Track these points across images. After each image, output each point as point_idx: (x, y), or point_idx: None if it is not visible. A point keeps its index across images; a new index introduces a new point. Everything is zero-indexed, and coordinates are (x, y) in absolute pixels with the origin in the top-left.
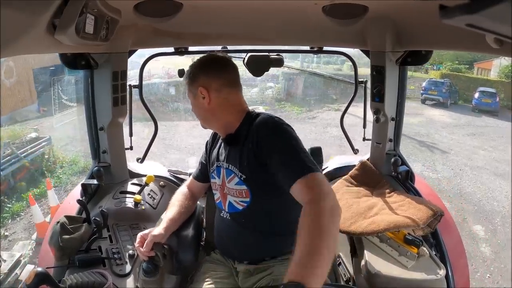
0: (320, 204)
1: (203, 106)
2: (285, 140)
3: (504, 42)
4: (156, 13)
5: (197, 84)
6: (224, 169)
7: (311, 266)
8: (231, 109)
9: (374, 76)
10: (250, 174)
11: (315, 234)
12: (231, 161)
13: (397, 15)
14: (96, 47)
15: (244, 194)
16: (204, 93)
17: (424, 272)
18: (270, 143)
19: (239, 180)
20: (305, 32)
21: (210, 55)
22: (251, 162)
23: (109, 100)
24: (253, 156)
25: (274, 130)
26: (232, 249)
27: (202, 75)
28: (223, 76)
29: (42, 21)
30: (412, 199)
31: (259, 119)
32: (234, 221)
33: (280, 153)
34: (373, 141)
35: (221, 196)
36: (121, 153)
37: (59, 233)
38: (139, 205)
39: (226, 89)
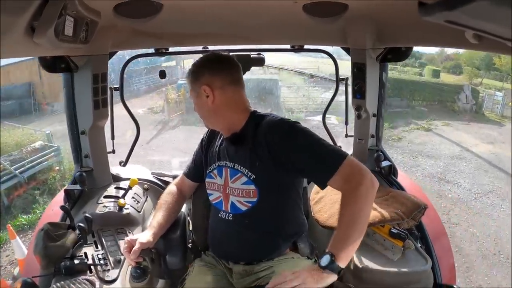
0: (363, 185)
1: (206, 105)
2: (307, 138)
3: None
4: (136, 14)
5: (201, 83)
6: (229, 169)
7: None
8: (235, 107)
9: (355, 73)
10: (261, 174)
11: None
12: (238, 161)
13: (377, 13)
14: (76, 49)
15: (251, 194)
16: (208, 91)
17: (410, 265)
18: (292, 145)
19: (247, 179)
20: (286, 31)
21: (213, 54)
22: (264, 162)
23: (90, 103)
24: (267, 157)
25: (291, 131)
26: (230, 250)
27: (206, 74)
28: (227, 74)
29: (20, 23)
30: (395, 193)
31: (269, 119)
32: (236, 221)
33: (308, 152)
34: (355, 137)
35: (222, 196)
36: (104, 157)
37: (43, 241)
38: (124, 209)
39: (230, 87)
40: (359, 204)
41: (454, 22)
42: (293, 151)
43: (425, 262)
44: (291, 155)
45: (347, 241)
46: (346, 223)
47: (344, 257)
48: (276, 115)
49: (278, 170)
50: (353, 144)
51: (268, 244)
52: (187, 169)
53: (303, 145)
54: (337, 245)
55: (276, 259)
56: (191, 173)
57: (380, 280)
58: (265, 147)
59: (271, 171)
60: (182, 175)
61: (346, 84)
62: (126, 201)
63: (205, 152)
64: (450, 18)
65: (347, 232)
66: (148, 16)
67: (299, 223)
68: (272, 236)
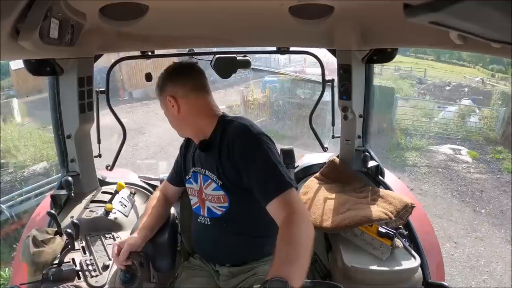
0: (298, 217)
1: (174, 115)
2: (262, 154)
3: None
4: (121, 16)
5: (165, 94)
6: (201, 175)
7: (291, 266)
8: (201, 114)
9: (341, 75)
10: (227, 180)
11: (297, 242)
12: (208, 167)
13: (363, 14)
14: (61, 52)
15: (222, 199)
16: (172, 101)
17: (399, 263)
18: (247, 156)
19: (216, 186)
20: (272, 33)
21: (174, 64)
22: (227, 169)
23: (75, 107)
24: (229, 163)
25: (251, 142)
26: (213, 253)
27: (168, 84)
28: (188, 82)
29: (5, 26)
30: (383, 193)
31: (234, 125)
32: (215, 225)
33: (257, 168)
34: (342, 138)
35: (199, 201)
36: (90, 161)
37: (30, 248)
38: (111, 213)
39: (193, 95)
40: (294, 226)
41: (438, 23)
42: (246, 162)
43: (414, 260)
44: (244, 165)
45: (295, 264)
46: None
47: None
48: (244, 119)
49: (239, 176)
50: (340, 145)
51: (250, 246)
52: (170, 175)
53: (255, 160)
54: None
55: (261, 260)
56: (173, 178)
57: (369, 279)
58: (227, 153)
59: (234, 177)
60: (166, 181)
61: (332, 86)
62: (113, 206)
63: (183, 158)
64: (434, 19)
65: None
66: (133, 19)
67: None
68: (252, 237)
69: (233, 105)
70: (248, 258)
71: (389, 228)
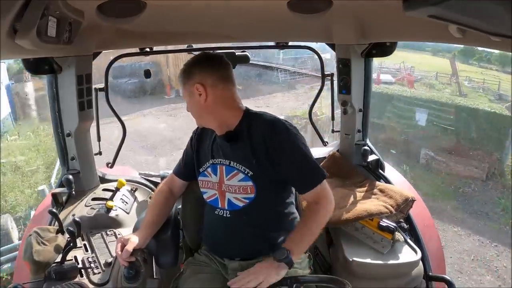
0: (326, 208)
1: (199, 104)
2: (298, 146)
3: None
4: (119, 13)
5: (193, 81)
6: (224, 166)
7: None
8: (228, 105)
9: (340, 69)
10: (258, 170)
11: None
12: (234, 158)
13: (361, 8)
14: (59, 50)
15: (249, 190)
16: (200, 89)
17: (399, 257)
18: (284, 148)
19: (244, 176)
20: (270, 28)
21: (204, 53)
22: (260, 159)
23: (74, 104)
24: (263, 154)
25: (287, 135)
26: (226, 247)
27: (197, 72)
28: (218, 71)
29: (2, 25)
30: (383, 187)
31: (265, 118)
32: (234, 218)
33: (296, 160)
34: (342, 132)
35: (218, 193)
36: (90, 159)
37: (32, 246)
38: (112, 210)
39: (221, 85)
40: (318, 219)
41: (437, 17)
42: (283, 153)
43: (415, 254)
44: (281, 156)
45: (302, 242)
46: (304, 229)
47: (297, 253)
48: (272, 114)
49: (273, 167)
50: (340, 139)
51: (264, 240)
52: (178, 168)
53: (293, 152)
54: (293, 243)
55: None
56: (182, 172)
57: (370, 273)
58: (262, 145)
59: (267, 168)
60: (172, 175)
61: (332, 80)
62: (115, 203)
63: (195, 151)
64: (433, 13)
65: (303, 236)
66: (131, 16)
67: (293, 218)
68: (268, 231)
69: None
70: (259, 252)
71: (389, 222)
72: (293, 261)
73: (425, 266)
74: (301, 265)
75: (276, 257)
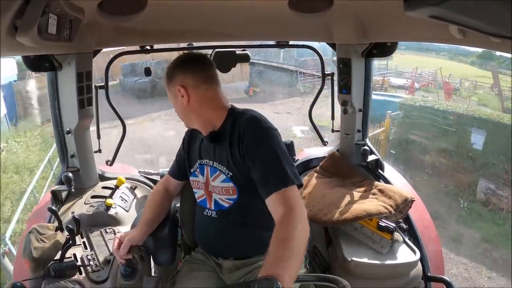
0: (295, 216)
1: (182, 105)
2: (269, 147)
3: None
4: (120, 11)
5: (175, 84)
6: (209, 167)
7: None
8: (211, 105)
9: (340, 69)
10: (237, 171)
11: (291, 239)
12: (216, 159)
13: (362, 8)
14: (60, 48)
15: (231, 191)
16: (182, 91)
17: (398, 257)
18: (255, 148)
19: (225, 177)
20: (271, 27)
21: (185, 54)
22: (237, 160)
23: (75, 102)
24: (238, 154)
25: (261, 134)
26: (218, 246)
27: (179, 74)
28: (200, 73)
29: (3, 22)
30: (382, 187)
31: (246, 117)
32: (221, 218)
33: (262, 161)
34: (342, 132)
35: (205, 194)
36: (90, 157)
37: (32, 244)
38: (111, 208)
39: (203, 86)
40: (294, 226)
41: (438, 17)
42: (254, 153)
43: (413, 254)
44: (252, 157)
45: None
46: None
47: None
48: (255, 111)
49: (247, 167)
50: (340, 139)
51: (255, 239)
52: (172, 168)
53: (263, 152)
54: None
55: (266, 253)
56: (176, 172)
57: (369, 273)
58: (237, 144)
59: (244, 168)
60: (168, 175)
61: (332, 80)
62: (114, 201)
63: (187, 151)
64: (434, 13)
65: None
66: (132, 13)
67: None
68: (258, 230)
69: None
70: (252, 252)
71: (389, 222)
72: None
73: (424, 267)
74: None
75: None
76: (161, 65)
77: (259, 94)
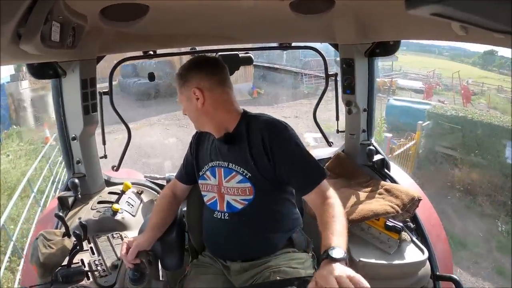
0: (333, 200)
1: (197, 108)
2: (297, 146)
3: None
4: (122, 17)
5: (190, 86)
6: (222, 168)
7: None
8: (225, 108)
9: (344, 69)
10: (257, 172)
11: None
12: (232, 160)
13: (364, 8)
14: (63, 55)
15: (247, 191)
16: (198, 93)
17: (406, 257)
18: (283, 148)
19: (243, 178)
20: (273, 29)
21: (200, 56)
22: (259, 160)
23: (79, 108)
24: (262, 154)
25: (285, 135)
26: (227, 249)
27: (194, 76)
28: (215, 75)
29: (6, 30)
30: (389, 186)
31: (264, 119)
32: (232, 220)
33: (296, 160)
34: (347, 132)
35: (217, 196)
36: (96, 162)
37: (39, 250)
38: (118, 213)
39: (219, 88)
40: (336, 207)
41: (440, 15)
42: (282, 154)
43: (422, 254)
44: (282, 158)
45: (341, 235)
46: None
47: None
48: (268, 115)
49: (273, 168)
50: (345, 139)
51: (265, 241)
52: (179, 173)
53: (296, 153)
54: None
55: (273, 255)
56: (183, 176)
57: (377, 273)
58: (260, 145)
59: (266, 169)
60: (175, 179)
61: (336, 80)
62: (120, 206)
63: (195, 155)
64: (436, 11)
65: (337, 227)
66: (134, 19)
67: (293, 218)
68: (268, 232)
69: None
70: (260, 254)
71: (396, 222)
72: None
73: (432, 266)
74: (303, 265)
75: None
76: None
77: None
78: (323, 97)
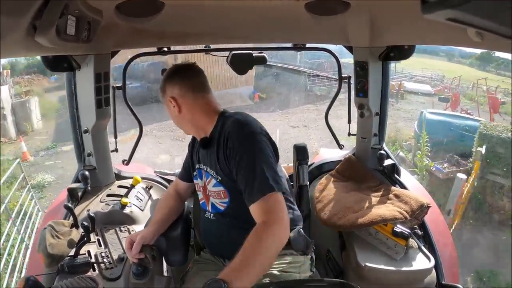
0: (271, 230)
1: (176, 115)
2: (252, 152)
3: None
4: (137, 13)
5: (166, 95)
6: (204, 172)
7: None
8: (202, 112)
9: (357, 72)
10: (224, 176)
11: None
12: (208, 164)
13: (379, 11)
14: (78, 48)
15: (222, 195)
16: (172, 102)
17: (413, 264)
18: (238, 154)
19: (216, 182)
20: (288, 29)
21: (174, 66)
22: (223, 164)
23: (92, 102)
24: (224, 159)
25: (244, 139)
26: (221, 248)
27: (168, 86)
28: (185, 82)
29: (22, 23)
30: (398, 192)
31: (231, 121)
32: (219, 220)
33: (244, 167)
34: (358, 136)
35: (204, 197)
36: (107, 156)
37: (47, 239)
38: (127, 207)
39: (191, 94)
40: (265, 240)
41: (456, 20)
42: (237, 160)
43: (428, 261)
44: (235, 163)
45: (243, 271)
46: (248, 253)
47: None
48: (244, 114)
49: (230, 170)
50: (356, 143)
51: None
52: (181, 172)
53: (245, 159)
54: (232, 273)
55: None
56: (183, 175)
57: (382, 279)
58: (223, 148)
59: (229, 172)
60: (177, 178)
61: (349, 83)
62: (129, 200)
63: (190, 155)
64: (452, 16)
65: (247, 262)
66: (149, 15)
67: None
68: None
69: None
70: None
71: (404, 228)
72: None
73: (438, 274)
74: (299, 268)
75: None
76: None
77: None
78: (335, 99)
